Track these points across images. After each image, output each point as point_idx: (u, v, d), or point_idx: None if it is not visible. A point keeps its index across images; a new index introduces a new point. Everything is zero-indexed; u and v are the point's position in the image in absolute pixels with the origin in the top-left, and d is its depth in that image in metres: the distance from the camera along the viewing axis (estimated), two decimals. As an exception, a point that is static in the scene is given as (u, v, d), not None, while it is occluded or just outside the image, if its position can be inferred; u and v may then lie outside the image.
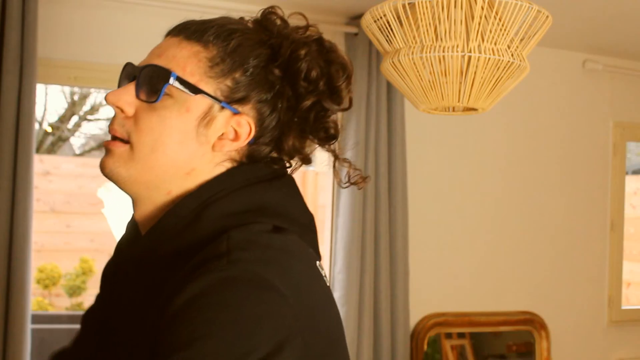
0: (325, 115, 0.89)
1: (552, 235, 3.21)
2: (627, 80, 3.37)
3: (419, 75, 1.64)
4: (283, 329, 0.71)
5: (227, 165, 0.86)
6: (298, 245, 0.82)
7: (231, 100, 0.84)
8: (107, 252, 6.20)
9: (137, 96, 0.83)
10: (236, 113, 0.85)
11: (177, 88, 0.82)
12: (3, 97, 2.17)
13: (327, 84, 0.88)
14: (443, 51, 1.57)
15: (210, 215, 0.81)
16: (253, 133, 0.85)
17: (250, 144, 0.86)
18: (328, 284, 0.86)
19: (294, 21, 0.94)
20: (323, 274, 0.86)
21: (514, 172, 3.14)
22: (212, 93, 0.83)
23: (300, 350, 0.72)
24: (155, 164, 0.83)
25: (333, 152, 0.92)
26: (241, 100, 0.85)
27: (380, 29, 1.69)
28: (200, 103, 0.83)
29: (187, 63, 0.84)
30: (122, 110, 0.84)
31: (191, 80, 0.83)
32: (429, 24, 1.57)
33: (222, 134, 0.85)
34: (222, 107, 0.84)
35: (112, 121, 0.86)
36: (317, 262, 0.85)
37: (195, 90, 0.83)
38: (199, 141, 0.83)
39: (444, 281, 2.99)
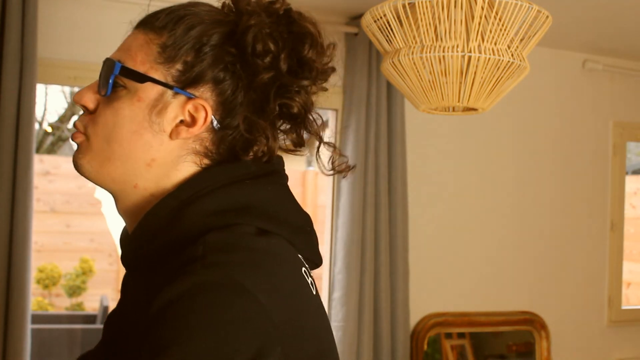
0: (287, 92, 0.84)
1: (552, 235, 3.21)
2: (627, 80, 3.37)
3: (419, 75, 1.64)
4: (261, 336, 0.67)
5: (194, 158, 0.82)
6: (283, 249, 0.78)
7: (184, 85, 0.81)
8: (106, 252, 6.20)
9: (98, 91, 0.84)
10: (190, 97, 0.81)
11: (127, 78, 0.81)
12: (3, 97, 2.17)
13: (291, 58, 0.83)
14: (443, 51, 1.57)
15: (190, 215, 0.77)
16: (209, 117, 0.81)
17: (218, 129, 0.82)
18: (315, 292, 0.82)
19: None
20: (309, 282, 0.80)
21: (514, 172, 3.14)
22: (162, 79, 0.81)
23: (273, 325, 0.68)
24: (112, 156, 0.81)
25: (317, 135, 0.88)
26: (195, 83, 0.81)
27: (380, 29, 1.69)
28: (150, 91, 0.81)
29: (138, 52, 0.83)
30: (85, 107, 0.84)
31: (141, 69, 0.81)
32: (429, 24, 1.57)
33: (181, 122, 0.81)
34: (176, 93, 0.81)
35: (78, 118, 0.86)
36: (304, 269, 0.80)
37: (141, 78, 0.80)
38: (153, 130, 0.80)
39: (444, 281, 2.99)
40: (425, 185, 2.94)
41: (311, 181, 7.35)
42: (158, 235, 0.78)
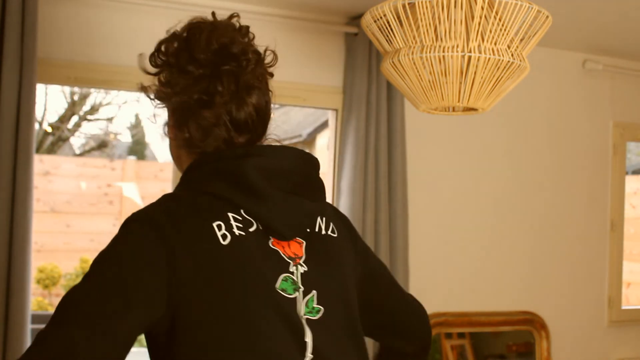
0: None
1: (552, 235, 3.21)
2: (627, 80, 3.37)
3: (419, 75, 1.64)
4: (138, 230, 1.00)
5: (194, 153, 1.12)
6: (196, 201, 1.03)
7: (156, 97, 1.12)
8: (107, 252, 6.19)
9: None
10: (162, 106, 1.13)
11: None
12: (3, 97, 2.17)
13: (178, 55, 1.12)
14: (443, 51, 1.57)
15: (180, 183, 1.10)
16: (172, 118, 1.12)
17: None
18: (228, 242, 0.99)
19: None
20: (221, 234, 0.99)
21: (514, 172, 3.14)
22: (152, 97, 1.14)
23: (151, 250, 0.96)
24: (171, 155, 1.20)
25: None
26: (160, 97, 1.13)
27: (380, 29, 1.69)
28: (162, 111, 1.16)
29: None
30: None
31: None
32: (429, 24, 1.57)
33: None
34: (159, 106, 1.13)
35: None
36: (218, 223, 1.00)
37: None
38: (168, 137, 1.16)
39: (444, 281, 2.99)
40: (425, 185, 2.94)
41: (311, 181, 7.34)
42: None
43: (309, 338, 1.00)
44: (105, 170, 6.56)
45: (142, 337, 1.04)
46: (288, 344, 0.98)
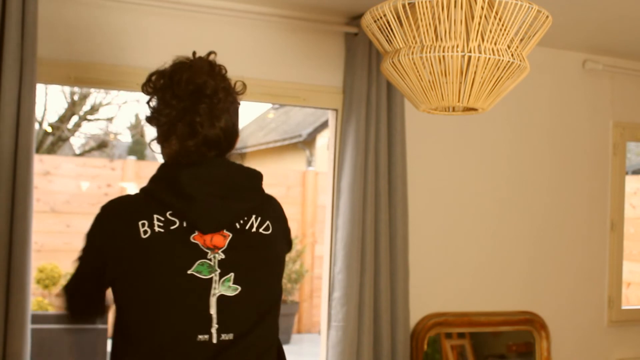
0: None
1: (552, 235, 3.21)
2: (627, 80, 3.37)
3: (419, 75, 1.64)
4: (95, 226, 1.46)
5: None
6: (131, 200, 1.45)
7: (147, 120, 1.48)
8: (107, 252, 6.19)
9: None
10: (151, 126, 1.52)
11: None
12: (3, 97, 2.17)
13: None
14: (443, 51, 1.57)
15: None
16: (160, 137, 1.47)
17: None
18: (148, 236, 1.35)
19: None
20: (144, 229, 1.35)
21: (514, 172, 3.14)
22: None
23: (99, 237, 1.44)
24: None
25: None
26: (150, 121, 1.49)
27: (380, 29, 1.69)
28: None
29: None
30: None
31: None
32: (429, 24, 1.57)
33: None
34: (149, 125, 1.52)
35: None
36: (142, 221, 1.36)
37: None
38: (154, 150, 1.52)
39: (444, 281, 2.99)
40: (425, 185, 2.94)
41: (311, 181, 7.35)
42: None
43: (213, 310, 1.32)
44: (105, 170, 6.55)
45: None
46: (192, 314, 1.32)
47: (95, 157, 9.52)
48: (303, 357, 6.28)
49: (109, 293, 1.47)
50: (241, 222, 1.41)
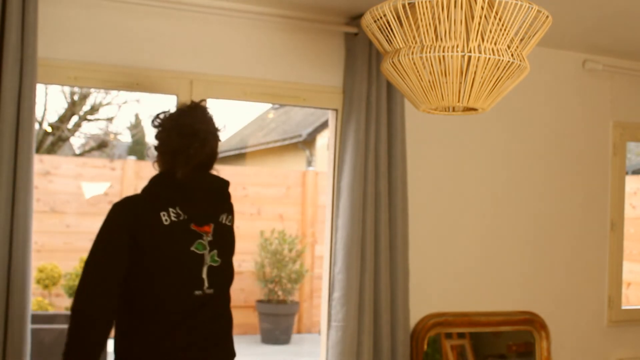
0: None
1: (552, 235, 3.21)
2: (627, 80, 3.37)
3: (419, 75, 1.64)
4: (113, 216, 1.90)
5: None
6: (141, 198, 1.95)
7: (154, 148, 2.01)
8: (107, 252, 6.18)
9: None
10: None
11: None
12: (3, 97, 2.17)
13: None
14: (443, 51, 1.57)
15: None
16: (160, 159, 1.99)
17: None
18: (169, 223, 1.88)
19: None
20: (164, 219, 1.88)
21: (514, 172, 3.14)
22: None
23: (122, 227, 1.88)
24: None
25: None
26: (156, 148, 2.01)
27: (380, 29, 1.69)
28: None
29: None
30: None
31: None
32: (429, 24, 1.57)
33: None
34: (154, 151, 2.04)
35: None
36: (163, 212, 1.89)
37: None
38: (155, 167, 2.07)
39: (444, 281, 2.99)
40: (425, 185, 2.94)
41: (311, 181, 7.35)
42: None
43: (204, 275, 1.91)
44: (105, 170, 6.56)
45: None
46: (192, 276, 1.90)
47: (95, 157, 9.52)
48: (303, 357, 6.28)
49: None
50: (219, 217, 2.00)
